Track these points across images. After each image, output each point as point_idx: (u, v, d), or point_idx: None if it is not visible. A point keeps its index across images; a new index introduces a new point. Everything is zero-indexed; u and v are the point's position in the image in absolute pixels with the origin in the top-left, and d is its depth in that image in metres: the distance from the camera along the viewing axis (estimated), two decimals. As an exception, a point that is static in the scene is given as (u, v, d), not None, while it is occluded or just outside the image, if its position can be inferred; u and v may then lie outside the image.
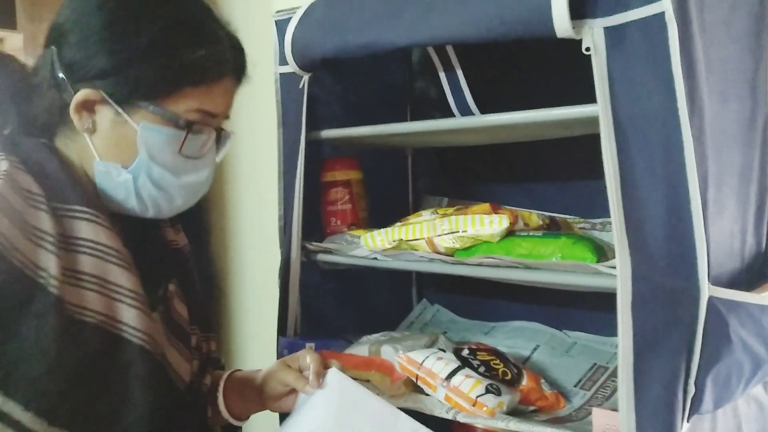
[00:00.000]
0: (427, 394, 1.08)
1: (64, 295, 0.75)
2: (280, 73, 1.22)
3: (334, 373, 0.97)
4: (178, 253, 0.99)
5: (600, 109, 0.84)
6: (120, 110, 0.83)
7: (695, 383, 0.83)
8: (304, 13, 1.16)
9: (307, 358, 0.97)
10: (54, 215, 0.78)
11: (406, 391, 1.11)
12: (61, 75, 0.83)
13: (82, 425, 0.76)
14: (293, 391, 0.97)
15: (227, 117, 0.92)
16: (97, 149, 0.85)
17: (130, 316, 0.80)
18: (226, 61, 0.87)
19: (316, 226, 1.31)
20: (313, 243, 1.25)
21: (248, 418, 1.05)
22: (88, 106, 0.83)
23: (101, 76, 0.82)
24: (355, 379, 1.18)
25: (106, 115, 0.84)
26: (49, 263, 0.75)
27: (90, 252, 0.80)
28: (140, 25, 0.82)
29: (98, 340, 0.78)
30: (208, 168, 0.91)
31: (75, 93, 0.82)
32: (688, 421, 0.83)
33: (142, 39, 0.82)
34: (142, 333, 0.81)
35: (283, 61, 1.19)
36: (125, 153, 0.85)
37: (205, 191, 0.92)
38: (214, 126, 0.89)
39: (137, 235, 0.90)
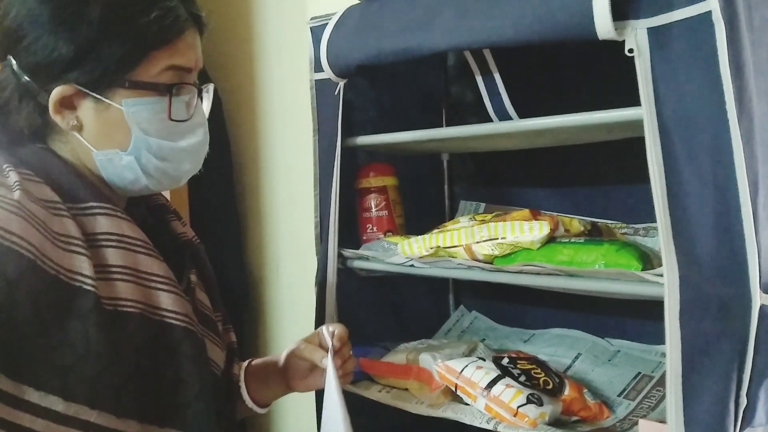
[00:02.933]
0: (467, 404, 1.07)
1: (101, 292, 0.76)
2: (316, 80, 1.22)
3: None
4: (190, 245, 0.99)
5: (644, 112, 0.82)
6: (98, 97, 0.81)
7: (747, 395, 0.80)
8: (339, 19, 1.16)
9: (325, 332, 0.98)
10: (74, 218, 0.78)
11: (445, 400, 1.10)
12: (27, 80, 0.81)
13: (146, 411, 0.78)
14: (317, 369, 0.98)
15: (200, 70, 0.90)
16: (91, 142, 0.84)
17: (168, 302, 0.81)
18: (181, 15, 0.84)
19: (352, 232, 1.31)
20: (350, 250, 1.24)
21: (270, 405, 1.05)
22: (66, 104, 0.82)
23: (67, 68, 0.80)
24: (392, 387, 1.18)
25: (87, 106, 0.82)
26: (83, 265, 0.75)
27: (116, 245, 0.80)
28: (86, 4, 0.80)
29: (144, 328, 0.79)
30: (201, 127, 0.89)
31: (49, 94, 0.81)
32: (740, 435, 0.80)
33: (93, 18, 0.79)
34: (183, 315, 0.82)
35: (318, 68, 1.19)
36: (119, 136, 0.83)
37: (206, 150, 0.91)
38: (191, 82, 0.87)
39: (149, 229, 0.89)
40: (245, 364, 1.05)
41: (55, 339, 0.72)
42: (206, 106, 0.92)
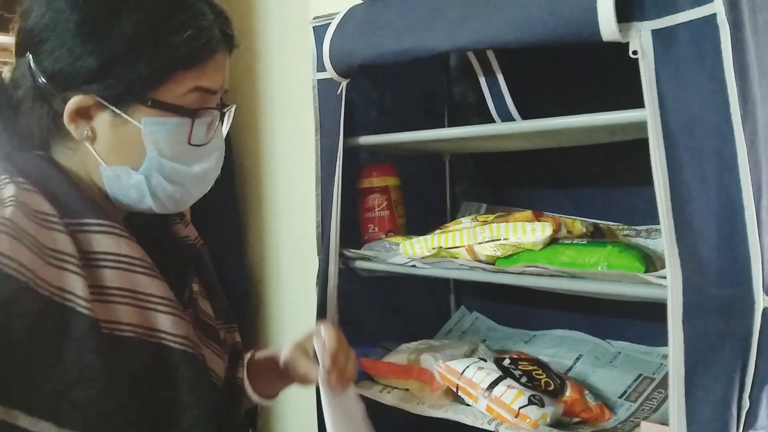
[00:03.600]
0: (468, 405, 1.07)
1: (98, 314, 0.73)
2: (318, 80, 1.22)
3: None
4: (193, 249, 0.97)
5: (648, 114, 0.82)
6: (118, 111, 0.78)
7: (750, 397, 0.80)
8: (342, 19, 1.16)
9: (315, 342, 0.94)
10: (70, 233, 0.74)
11: (447, 401, 1.10)
12: (44, 82, 0.77)
13: None
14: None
15: (225, 92, 0.87)
16: (101, 155, 0.80)
17: (167, 324, 0.79)
18: (215, 36, 0.81)
19: (353, 232, 1.30)
20: (351, 250, 1.24)
21: (277, 396, 1.05)
22: (83, 113, 0.78)
23: (90, 80, 0.76)
24: (393, 387, 1.18)
25: (104, 119, 0.78)
26: (76, 285, 0.72)
27: (113, 265, 0.77)
28: (119, 17, 0.76)
29: (141, 352, 0.76)
30: (217, 151, 0.86)
31: (65, 102, 0.77)
32: (742, 437, 0.80)
33: (125, 32, 0.75)
34: (182, 338, 0.80)
35: (320, 68, 1.19)
36: (132, 154, 0.80)
37: (216, 175, 0.88)
38: (214, 105, 0.84)
39: (151, 237, 0.86)
40: (247, 357, 1.03)
41: (49, 363, 0.69)
42: (226, 127, 0.89)
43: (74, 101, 0.77)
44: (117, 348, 0.74)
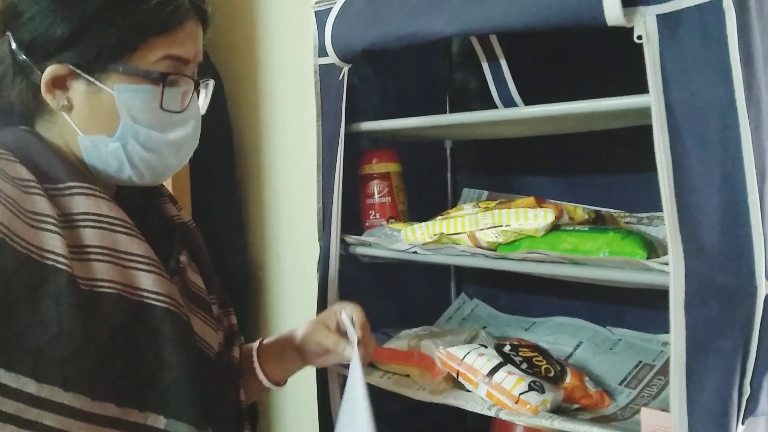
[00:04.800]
0: (469, 391, 1.07)
1: (77, 272, 0.74)
2: (320, 65, 1.21)
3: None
4: (184, 227, 0.98)
5: (652, 100, 0.81)
6: (91, 79, 0.81)
7: (751, 384, 0.80)
8: (344, 3, 1.15)
9: (345, 319, 0.97)
10: (49, 197, 0.76)
11: (447, 387, 1.10)
12: (23, 57, 0.81)
13: (124, 394, 0.76)
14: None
15: (199, 64, 0.89)
16: (78, 125, 0.83)
17: (148, 282, 0.80)
18: (183, 5, 0.83)
19: (354, 219, 1.30)
20: (352, 236, 1.24)
21: (285, 382, 1.05)
22: (58, 83, 0.81)
23: (62, 48, 0.80)
24: (394, 373, 1.18)
25: (78, 88, 0.82)
26: (55, 243, 0.74)
27: (93, 225, 0.78)
28: None
29: (121, 309, 0.77)
30: (192, 120, 0.88)
31: (42, 73, 0.80)
32: (743, 423, 0.80)
33: (94, 0, 0.79)
34: (164, 296, 0.81)
35: (322, 53, 1.18)
36: (108, 122, 0.83)
37: (194, 146, 0.90)
38: (188, 74, 0.86)
39: (138, 212, 0.89)
40: (256, 343, 1.04)
41: (27, 319, 0.71)
42: (203, 101, 0.91)
43: (49, 71, 0.80)
44: (96, 304, 0.75)
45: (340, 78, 1.17)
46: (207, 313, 0.92)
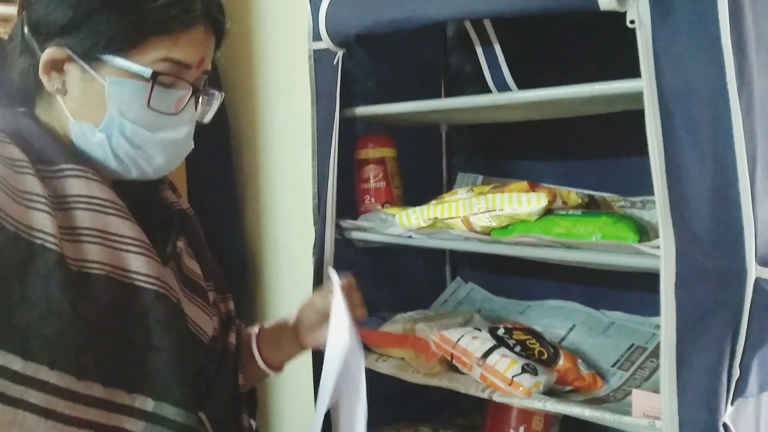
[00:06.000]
0: (463, 373, 1.08)
1: (67, 252, 0.75)
2: (314, 50, 1.21)
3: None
4: (182, 214, 0.98)
5: (645, 84, 0.81)
6: (86, 66, 0.81)
7: (740, 366, 0.81)
8: (338, -13, 1.14)
9: (330, 269, 1.00)
10: (41, 178, 0.77)
11: (441, 369, 1.11)
12: (29, 36, 0.82)
13: (111, 375, 0.77)
14: (327, 321, 0.96)
15: (206, 72, 0.88)
16: (70, 110, 0.83)
17: (138, 264, 0.80)
18: (194, 10, 0.82)
19: (350, 204, 1.30)
20: (347, 221, 1.24)
21: (283, 368, 1.06)
22: (56, 66, 0.82)
23: (63, 32, 0.80)
24: (389, 356, 1.19)
25: (74, 73, 0.82)
26: (44, 223, 0.74)
27: (85, 207, 0.79)
28: None
29: (110, 290, 0.77)
30: (186, 126, 0.87)
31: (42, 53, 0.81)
32: (732, 405, 0.81)
33: None
34: (154, 279, 0.81)
35: (317, 37, 1.18)
36: (96, 111, 0.83)
37: (187, 150, 0.90)
38: (189, 80, 0.85)
39: (137, 198, 0.89)
40: (255, 329, 1.05)
41: (15, 297, 0.71)
42: (201, 111, 0.90)
43: (48, 53, 0.81)
44: (84, 284, 0.76)
45: (335, 63, 1.17)
46: (202, 299, 0.93)
